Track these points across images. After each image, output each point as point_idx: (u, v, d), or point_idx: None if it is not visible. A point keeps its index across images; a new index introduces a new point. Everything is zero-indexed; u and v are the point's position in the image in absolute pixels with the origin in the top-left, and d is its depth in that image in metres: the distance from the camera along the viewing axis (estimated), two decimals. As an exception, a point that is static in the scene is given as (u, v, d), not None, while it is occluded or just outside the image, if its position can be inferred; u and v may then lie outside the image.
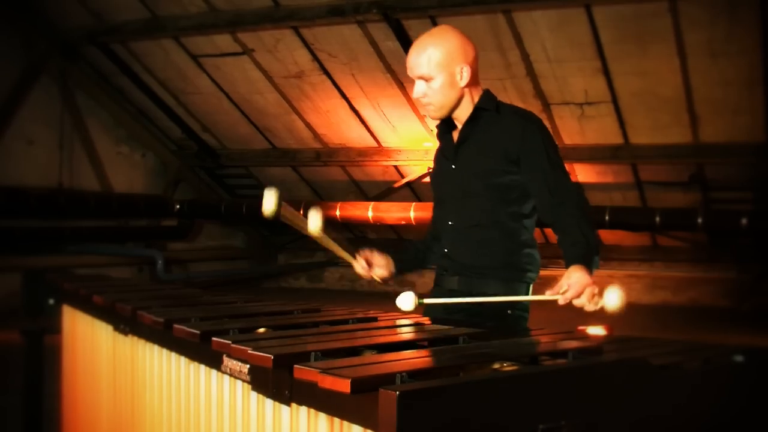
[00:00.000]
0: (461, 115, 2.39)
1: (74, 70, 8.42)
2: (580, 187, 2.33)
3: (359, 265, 2.45)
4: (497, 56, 6.89)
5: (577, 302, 1.96)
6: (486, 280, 2.33)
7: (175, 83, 8.60)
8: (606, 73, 6.77)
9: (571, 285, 2.01)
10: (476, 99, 2.39)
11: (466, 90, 2.35)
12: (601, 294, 1.96)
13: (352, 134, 8.68)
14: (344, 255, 2.41)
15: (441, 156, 2.55)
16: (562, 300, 1.99)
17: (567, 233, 2.21)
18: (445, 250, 2.46)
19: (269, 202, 2.09)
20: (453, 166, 2.43)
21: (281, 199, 2.10)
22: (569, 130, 7.56)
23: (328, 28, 7.18)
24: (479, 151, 2.37)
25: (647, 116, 7.18)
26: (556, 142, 2.43)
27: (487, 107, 2.38)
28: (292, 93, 8.27)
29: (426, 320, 2.27)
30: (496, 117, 2.37)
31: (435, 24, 6.72)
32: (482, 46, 6.82)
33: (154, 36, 7.85)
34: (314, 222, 2.24)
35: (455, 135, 2.46)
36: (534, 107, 7.34)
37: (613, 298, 1.89)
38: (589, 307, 1.97)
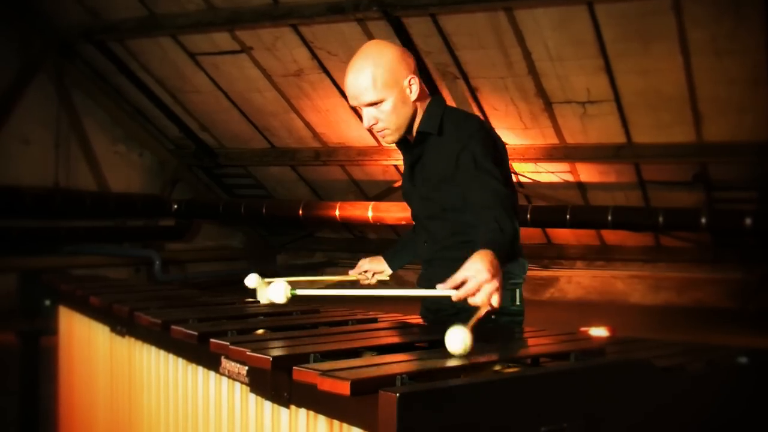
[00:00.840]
0: (414, 130, 2.24)
1: (71, 68, 8.42)
2: (507, 190, 2.06)
3: (362, 280, 2.50)
4: (498, 54, 6.89)
5: (471, 300, 1.67)
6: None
7: (173, 82, 8.60)
8: (608, 71, 6.76)
9: (469, 278, 1.68)
10: (421, 114, 2.21)
11: (418, 104, 2.19)
12: (498, 291, 1.67)
13: (351, 133, 8.68)
14: (344, 279, 2.45)
15: (405, 174, 2.43)
16: (455, 297, 1.69)
17: (482, 224, 1.98)
18: (423, 271, 2.38)
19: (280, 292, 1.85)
20: (414, 185, 2.32)
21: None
22: (571, 129, 7.56)
23: (327, 26, 7.18)
24: (427, 177, 2.24)
25: (650, 115, 7.18)
26: (558, 141, 2.40)
27: (429, 130, 2.21)
28: (291, 91, 8.27)
29: (427, 321, 2.27)
30: (438, 140, 2.20)
31: (435, 22, 6.72)
32: (483, 44, 6.82)
33: (152, 34, 7.85)
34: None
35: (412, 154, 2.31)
36: (536, 106, 7.34)
37: (455, 341, 1.52)
38: (483, 306, 1.66)
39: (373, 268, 2.52)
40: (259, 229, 10.94)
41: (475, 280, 1.67)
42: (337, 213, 8.80)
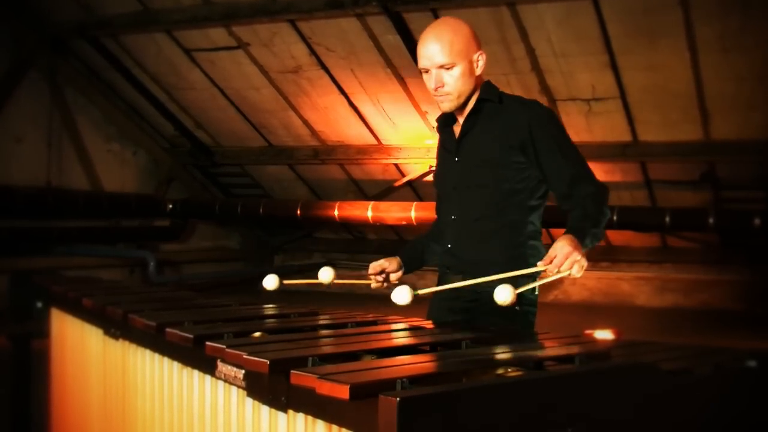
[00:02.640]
0: (464, 107, 2.42)
1: (63, 65, 8.42)
2: (594, 178, 2.36)
3: (375, 283, 2.52)
4: (501, 51, 6.89)
5: (562, 269, 2.04)
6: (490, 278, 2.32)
7: (168, 78, 8.60)
8: (614, 67, 6.76)
9: (557, 254, 2.05)
10: (478, 90, 2.43)
11: (478, 79, 2.39)
12: (580, 263, 2.05)
13: (351, 131, 8.68)
14: (360, 281, 2.48)
15: (443, 150, 2.58)
16: (549, 269, 2.06)
17: (573, 212, 2.27)
18: (449, 246, 2.47)
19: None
20: (456, 159, 2.46)
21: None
22: (576, 127, 7.56)
23: (326, 21, 7.17)
24: (483, 142, 2.40)
25: (657, 112, 7.18)
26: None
27: (490, 98, 2.42)
28: (289, 88, 8.26)
29: (428, 323, 2.27)
30: (498, 107, 2.41)
31: (437, 17, 6.72)
32: (486, 41, 6.80)
33: (146, 29, 7.85)
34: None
35: (456, 128, 2.49)
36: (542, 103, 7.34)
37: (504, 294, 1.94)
38: (574, 274, 2.05)
39: (389, 268, 2.54)
40: (256, 229, 10.94)
41: (562, 253, 2.03)
42: (336, 213, 8.80)
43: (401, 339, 1.92)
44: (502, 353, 1.70)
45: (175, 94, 8.83)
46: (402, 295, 2.07)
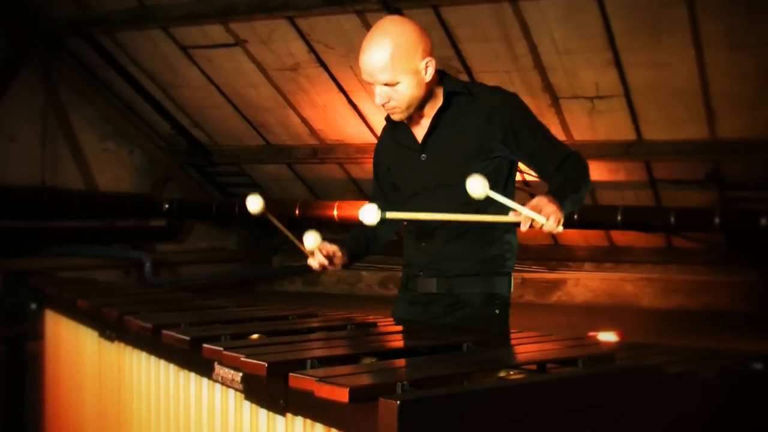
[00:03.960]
0: (425, 106, 2.33)
1: (58, 62, 8.42)
2: (571, 151, 2.34)
3: (316, 261, 2.39)
4: (503, 48, 6.89)
5: (540, 220, 1.98)
6: (466, 279, 2.32)
7: (164, 76, 8.60)
8: (618, 65, 6.76)
9: (539, 206, 2.00)
10: (438, 86, 2.33)
11: (431, 86, 2.29)
12: (560, 219, 2.02)
13: (350, 130, 8.69)
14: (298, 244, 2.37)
15: (397, 146, 2.48)
16: (524, 222, 2.00)
17: (554, 178, 2.26)
18: (423, 244, 2.41)
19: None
20: (423, 156, 2.37)
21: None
22: (579, 126, 7.56)
23: (324, 18, 7.18)
24: (454, 138, 2.32)
25: (661, 111, 7.18)
26: (565, 138, 2.45)
27: (460, 90, 2.34)
28: (287, 86, 8.27)
29: (429, 325, 2.27)
30: (469, 99, 2.33)
31: (437, 14, 6.72)
32: (487, 37, 6.82)
33: (142, 26, 7.85)
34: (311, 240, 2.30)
35: (414, 125, 2.40)
36: (542, 101, 7.34)
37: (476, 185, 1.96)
38: (549, 224, 1.99)
39: (337, 255, 2.45)
40: (254, 229, 10.94)
41: (540, 202, 1.99)
42: (335, 213, 8.80)
43: (401, 341, 1.92)
44: (504, 356, 1.71)
45: (172, 92, 8.83)
46: (370, 214, 1.98)
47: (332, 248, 2.41)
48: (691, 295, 9.06)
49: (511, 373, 1.53)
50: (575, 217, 7.78)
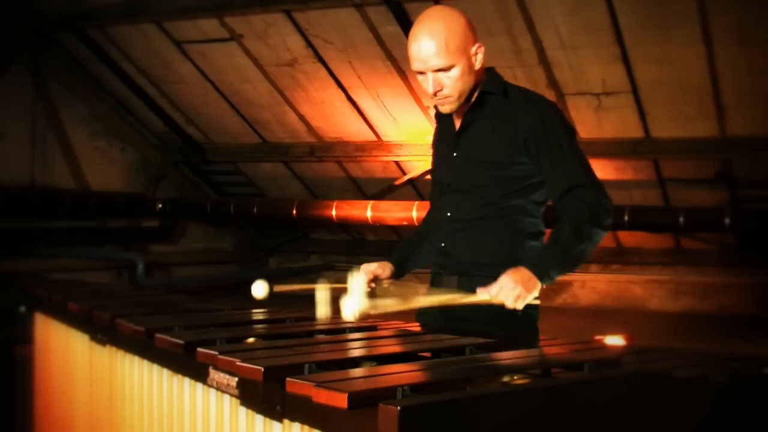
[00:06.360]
0: (467, 101, 2.37)
1: (47, 57, 8.42)
2: (595, 185, 2.30)
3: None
4: (507, 42, 6.89)
5: (498, 298, 2.12)
6: (487, 280, 2.29)
7: (157, 72, 8.60)
8: (625, 60, 6.76)
9: (498, 285, 2.13)
10: (480, 81, 2.36)
11: (479, 73, 2.33)
12: (523, 297, 2.13)
13: (349, 127, 8.69)
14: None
15: (440, 141, 2.53)
16: (488, 296, 2.13)
17: (554, 231, 2.25)
18: (442, 245, 2.45)
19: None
20: (454, 154, 2.42)
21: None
22: (585, 123, 7.56)
23: (323, 11, 7.18)
24: (484, 139, 2.35)
25: (670, 107, 7.18)
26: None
27: (494, 90, 2.36)
28: (284, 82, 8.27)
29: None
30: (502, 102, 2.35)
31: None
32: (491, 32, 6.82)
33: (135, 21, 7.85)
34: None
35: (456, 119, 2.43)
36: (547, 98, 7.34)
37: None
38: (507, 303, 2.12)
39: (383, 274, 2.49)
40: (250, 230, 10.94)
41: (501, 285, 2.10)
42: (333, 213, 8.80)
43: (402, 345, 1.92)
44: (508, 360, 1.71)
45: (165, 88, 8.83)
46: (350, 309, 2.02)
47: (375, 273, 2.47)
48: (701, 297, 9.06)
49: (516, 377, 1.53)
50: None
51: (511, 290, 2.07)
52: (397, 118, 8.37)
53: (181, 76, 8.56)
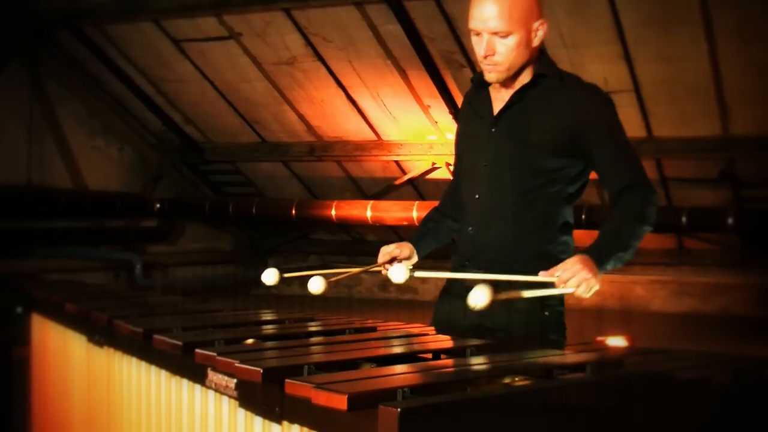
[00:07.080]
0: (516, 77, 2.28)
1: (45, 56, 8.42)
2: (646, 181, 2.33)
3: (385, 271, 2.35)
4: (508, 41, 6.89)
5: (568, 285, 2.05)
6: (515, 275, 2.20)
7: (155, 70, 8.60)
8: (627, 59, 6.76)
9: (565, 270, 2.07)
10: (534, 62, 2.29)
11: (534, 51, 2.26)
12: (590, 284, 2.08)
13: (349, 126, 8.69)
14: (371, 268, 2.40)
15: (473, 113, 2.41)
16: (557, 281, 2.06)
17: (608, 224, 2.26)
18: (469, 229, 2.35)
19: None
20: (493, 130, 2.31)
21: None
22: (587, 122, 7.56)
23: (322, 10, 7.17)
24: (531, 121, 2.26)
25: (672, 106, 7.18)
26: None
27: (550, 74, 2.29)
28: (284, 81, 8.27)
29: (430, 329, 2.27)
30: (557, 87, 2.28)
31: (440, 6, 6.72)
32: (492, 30, 6.83)
33: (133, 19, 7.85)
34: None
35: (494, 92, 2.33)
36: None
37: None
38: (580, 293, 2.07)
39: (401, 254, 2.39)
40: (249, 230, 10.94)
41: (570, 270, 2.04)
42: (333, 213, 8.80)
43: (402, 346, 1.92)
44: (509, 361, 1.70)
45: (163, 87, 8.83)
46: (399, 273, 2.08)
47: (393, 253, 2.38)
48: (704, 298, 9.06)
49: (516, 379, 1.53)
50: (582, 217, 7.79)
51: (585, 279, 2.03)
52: (397, 117, 8.36)
53: (180, 75, 8.56)
